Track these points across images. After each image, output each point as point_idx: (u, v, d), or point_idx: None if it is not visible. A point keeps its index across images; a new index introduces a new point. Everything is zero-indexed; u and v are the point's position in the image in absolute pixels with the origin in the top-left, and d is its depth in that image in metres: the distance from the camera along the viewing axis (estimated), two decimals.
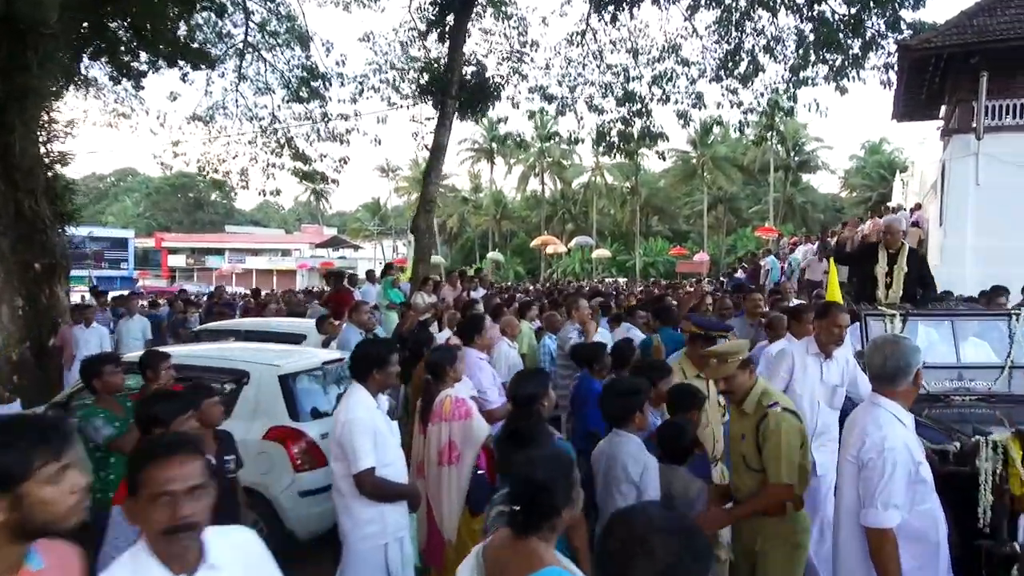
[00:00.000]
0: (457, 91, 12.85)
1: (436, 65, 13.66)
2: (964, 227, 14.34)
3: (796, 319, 5.36)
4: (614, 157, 22.77)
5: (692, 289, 15.91)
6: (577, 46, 18.42)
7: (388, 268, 11.27)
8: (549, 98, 18.06)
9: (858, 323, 5.60)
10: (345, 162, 16.56)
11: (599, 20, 17.90)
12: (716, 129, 36.56)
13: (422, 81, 13.60)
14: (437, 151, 12.81)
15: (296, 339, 8.16)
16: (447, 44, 13.24)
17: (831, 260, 7.62)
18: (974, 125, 14.03)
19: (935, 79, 16.62)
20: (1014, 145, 13.96)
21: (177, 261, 61.63)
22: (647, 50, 18.37)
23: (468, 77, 13.58)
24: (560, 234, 51.19)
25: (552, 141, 46.41)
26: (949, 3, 17.63)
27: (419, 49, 15.02)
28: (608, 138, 18.72)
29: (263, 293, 19.03)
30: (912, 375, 2.85)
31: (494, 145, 53.34)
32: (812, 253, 19.86)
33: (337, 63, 16.68)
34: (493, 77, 14.17)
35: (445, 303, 10.17)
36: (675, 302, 8.08)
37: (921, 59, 14.91)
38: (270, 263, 60.85)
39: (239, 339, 8.08)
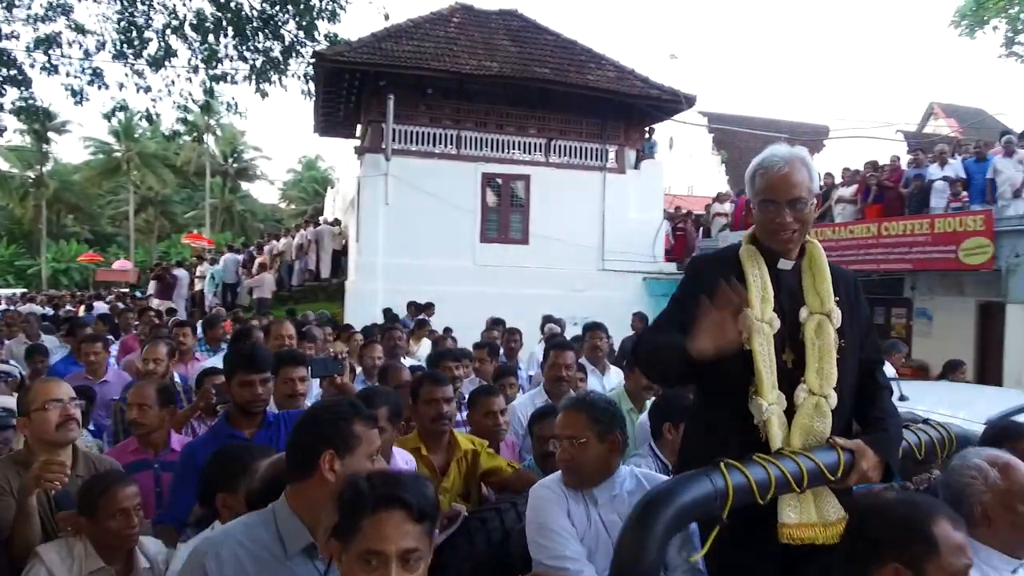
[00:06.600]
0: None
1: None
2: (376, 244, 14.75)
3: None
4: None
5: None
6: None
7: None
8: None
9: None
10: None
11: None
12: (144, 123, 32.83)
13: None
14: None
15: None
16: None
17: None
18: (383, 146, 14.53)
19: (351, 97, 17.03)
20: (418, 169, 14.92)
21: None
22: (27, 4, 14.74)
23: None
24: None
25: None
26: (365, 25, 18.41)
27: None
28: None
29: None
30: None
31: None
32: (239, 264, 18.48)
33: None
34: None
35: None
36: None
37: (335, 73, 14.96)
38: None
39: None
